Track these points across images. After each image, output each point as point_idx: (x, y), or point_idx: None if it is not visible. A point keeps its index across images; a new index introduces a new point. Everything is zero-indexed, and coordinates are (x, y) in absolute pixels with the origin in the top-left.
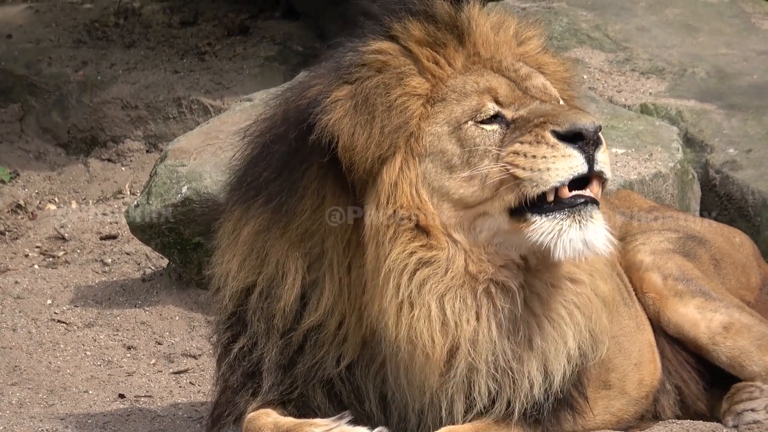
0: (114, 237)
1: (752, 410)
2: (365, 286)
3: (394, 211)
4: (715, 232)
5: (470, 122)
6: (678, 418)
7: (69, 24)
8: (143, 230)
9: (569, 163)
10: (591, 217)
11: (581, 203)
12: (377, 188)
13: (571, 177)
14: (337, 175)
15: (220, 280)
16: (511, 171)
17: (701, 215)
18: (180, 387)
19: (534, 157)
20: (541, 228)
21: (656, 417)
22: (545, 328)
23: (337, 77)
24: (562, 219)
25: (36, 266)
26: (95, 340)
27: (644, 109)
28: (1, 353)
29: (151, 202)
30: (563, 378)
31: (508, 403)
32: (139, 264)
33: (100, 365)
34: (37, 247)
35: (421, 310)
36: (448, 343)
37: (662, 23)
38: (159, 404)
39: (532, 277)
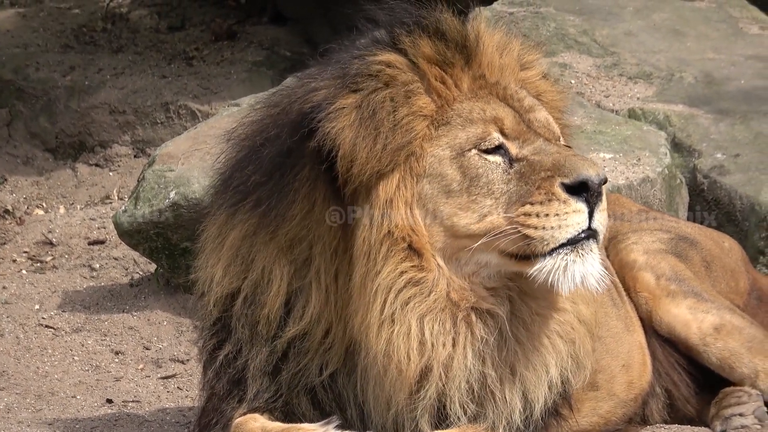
0: (102, 242)
1: (740, 415)
2: (351, 296)
3: (389, 231)
4: (705, 236)
5: (474, 150)
6: (666, 422)
7: (57, 29)
8: (131, 235)
9: (578, 218)
10: (591, 251)
11: (584, 238)
12: (371, 202)
13: (577, 233)
14: (328, 181)
15: (204, 285)
16: (523, 232)
17: (689, 220)
18: (168, 392)
19: (546, 215)
20: (546, 266)
21: (644, 421)
22: (528, 357)
23: (343, 85)
24: (566, 254)
25: (24, 271)
26: (83, 345)
27: (632, 114)
28: None
29: (139, 207)
30: (544, 405)
31: (493, 423)
32: (127, 269)
33: (87, 370)
34: (25, 252)
35: (402, 326)
36: (423, 363)
37: (650, 28)
38: (147, 409)
39: (518, 305)
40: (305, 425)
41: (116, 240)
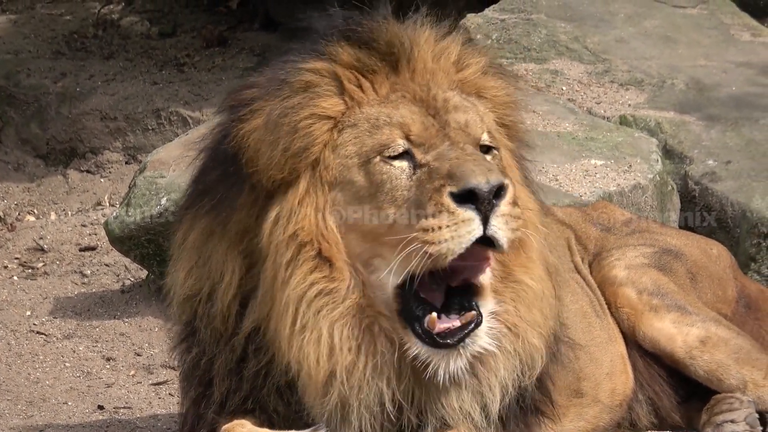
0: (93, 248)
1: (732, 421)
2: (265, 292)
3: (295, 232)
4: (692, 245)
5: (378, 157)
6: (653, 425)
7: (48, 35)
8: (122, 242)
9: (469, 227)
10: (473, 343)
11: (461, 339)
12: (282, 204)
13: (471, 242)
14: (236, 167)
15: (170, 290)
16: (425, 248)
17: (681, 227)
18: (159, 398)
19: (440, 228)
20: (424, 353)
21: (632, 425)
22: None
23: (268, 88)
24: (446, 354)
25: (15, 277)
26: (74, 352)
27: (623, 121)
28: None
29: (130, 213)
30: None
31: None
32: (118, 275)
33: (79, 376)
34: (16, 258)
35: (313, 333)
36: (330, 367)
37: (641, 35)
38: (138, 415)
39: None
40: None
41: (107, 246)
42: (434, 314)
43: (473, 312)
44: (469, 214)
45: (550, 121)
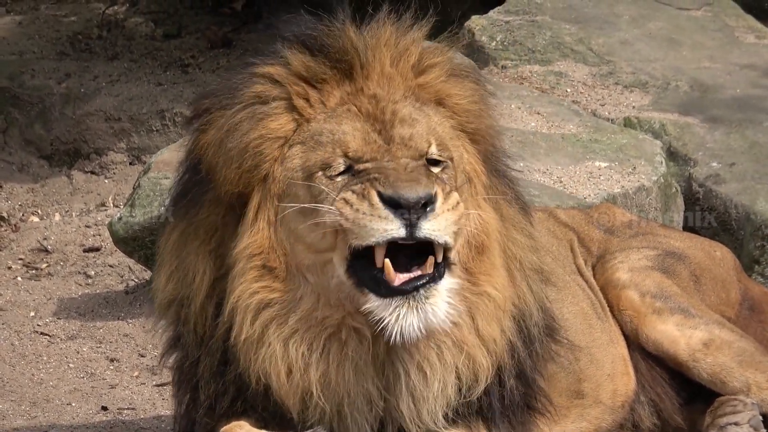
0: (97, 249)
1: (735, 424)
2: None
3: (246, 246)
4: (696, 247)
5: (320, 173)
6: (655, 426)
7: (52, 36)
8: (126, 242)
9: (385, 225)
10: (427, 299)
11: (416, 288)
12: (243, 220)
13: (386, 240)
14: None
15: (154, 295)
16: (339, 220)
17: (685, 229)
18: (163, 399)
19: (357, 210)
20: (379, 308)
21: (635, 426)
22: (411, 374)
23: (222, 97)
24: (398, 305)
25: (19, 278)
26: (78, 353)
27: (627, 123)
28: None
29: (134, 214)
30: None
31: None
32: (122, 276)
33: (83, 377)
34: (20, 259)
35: (268, 349)
36: (301, 384)
37: (645, 37)
38: (142, 416)
39: None
40: None
41: (111, 247)
42: (388, 260)
43: (432, 258)
44: (388, 214)
45: (554, 122)
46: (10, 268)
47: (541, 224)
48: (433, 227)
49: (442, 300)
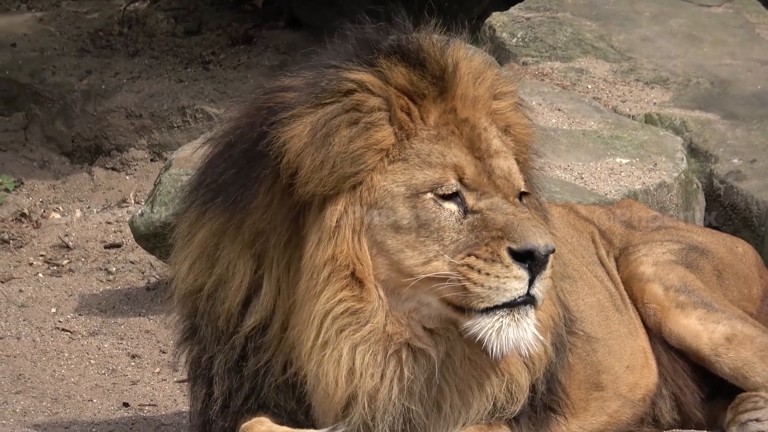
0: (118, 246)
1: (757, 420)
2: (295, 305)
3: (333, 255)
4: (718, 243)
5: (430, 194)
6: (675, 422)
7: (73, 33)
8: (147, 239)
9: (517, 284)
10: (527, 316)
11: (521, 302)
12: (320, 224)
13: (513, 299)
14: (274, 169)
15: (173, 282)
16: (463, 283)
17: (706, 225)
18: (184, 395)
19: (488, 274)
20: (481, 323)
21: (655, 421)
22: (454, 397)
23: (309, 94)
24: (502, 316)
25: (40, 275)
26: (99, 349)
27: (648, 119)
28: (5, 362)
29: (155, 210)
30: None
31: None
32: (143, 273)
33: (104, 374)
34: (42, 255)
35: (333, 352)
36: (349, 390)
37: (666, 33)
38: (163, 413)
39: (453, 348)
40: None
41: (132, 243)
42: None
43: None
44: (522, 272)
45: (575, 119)
46: (31, 264)
47: (562, 218)
48: (542, 287)
49: (533, 322)
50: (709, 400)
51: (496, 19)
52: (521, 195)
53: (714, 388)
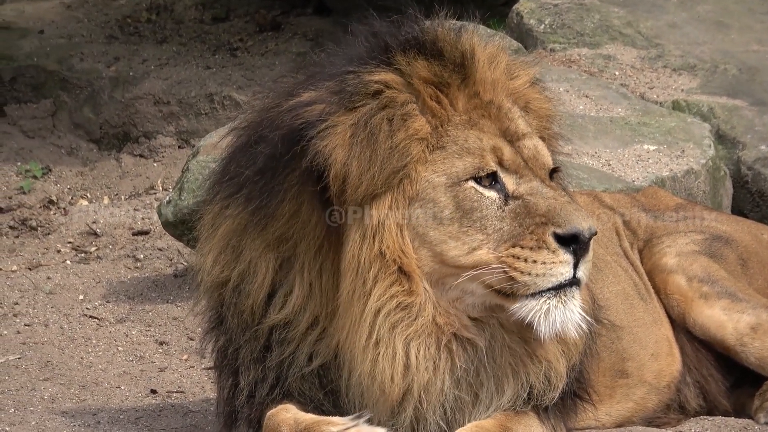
0: (146, 233)
1: None
2: (338, 306)
3: (381, 251)
4: (743, 231)
5: (471, 182)
6: (701, 408)
7: (101, 20)
8: (175, 226)
9: (564, 269)
10: (574, 297)
11: (567, 284)
12: (364, 221)
13: (560, 282)
14: (316, 183)
15: (199, 272)
16: (509, 273)
17: (733, 212)
18: (212, 382)
19: (534, 262)
20: (528, 306)
21: (682, 407)
22: (490, 385)
23: (339, 102)
24: (549, 298)
25: (68, 262)
26: (127, 336)
27: (676, 106)
28: (33, 349)
29: (183, 197)
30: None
31: None
32: (171, 260)
33: (132, 361)
34: (69, 242)
35: (387, 349)
36: (405, 385)
37: (693, 20)
38: (191, 399)
39: (495, 336)
40: (335, 419)
41: (160, 230)
42: None
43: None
44: (568, 257)
45: (602, 106)
46: (59, 251)
47: (586, 208)
48: (585, 270)
49: (579, 303)
50: (735, 388)
51: (524, 5)
52: (552, 173)
53: (740, 376)
